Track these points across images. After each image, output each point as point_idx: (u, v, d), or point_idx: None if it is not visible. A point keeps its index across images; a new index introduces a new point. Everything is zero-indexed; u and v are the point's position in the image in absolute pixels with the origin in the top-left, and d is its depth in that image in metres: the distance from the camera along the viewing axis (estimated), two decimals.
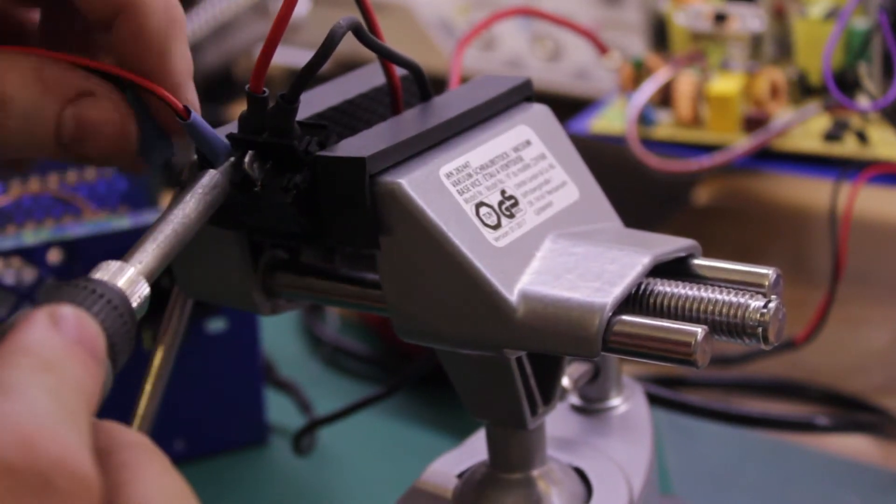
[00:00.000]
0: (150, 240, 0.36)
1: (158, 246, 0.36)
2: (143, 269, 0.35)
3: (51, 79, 0.38)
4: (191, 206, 0.37)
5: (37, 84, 0.38)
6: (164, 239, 0.36)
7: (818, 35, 0.69)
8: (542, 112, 0.43)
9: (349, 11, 0.39)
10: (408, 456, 0.60)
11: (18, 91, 0.37)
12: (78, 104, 0.38)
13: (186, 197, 0.38)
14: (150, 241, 0.36)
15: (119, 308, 0.33)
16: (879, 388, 0.63)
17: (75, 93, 0.38)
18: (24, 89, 0.37)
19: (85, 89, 0.38)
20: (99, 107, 0.38)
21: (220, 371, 0.60)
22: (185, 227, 0.37)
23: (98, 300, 0.32)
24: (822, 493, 0.56)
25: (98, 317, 0.32)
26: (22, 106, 0.37)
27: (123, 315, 0.33)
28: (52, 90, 0.38)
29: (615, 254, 0.39)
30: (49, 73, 0.38)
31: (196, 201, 0.38)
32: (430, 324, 0.39)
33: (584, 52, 0.84)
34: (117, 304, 0.33)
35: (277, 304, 0.44)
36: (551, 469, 0.44)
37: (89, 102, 0.38)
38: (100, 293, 0.32)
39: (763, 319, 0.37)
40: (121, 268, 0.34)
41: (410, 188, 0.38)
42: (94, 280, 0.33)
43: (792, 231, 0.81)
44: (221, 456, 0.61)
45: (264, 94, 0.39)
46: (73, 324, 0.30)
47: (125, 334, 0.33)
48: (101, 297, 0.32)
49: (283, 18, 0.38)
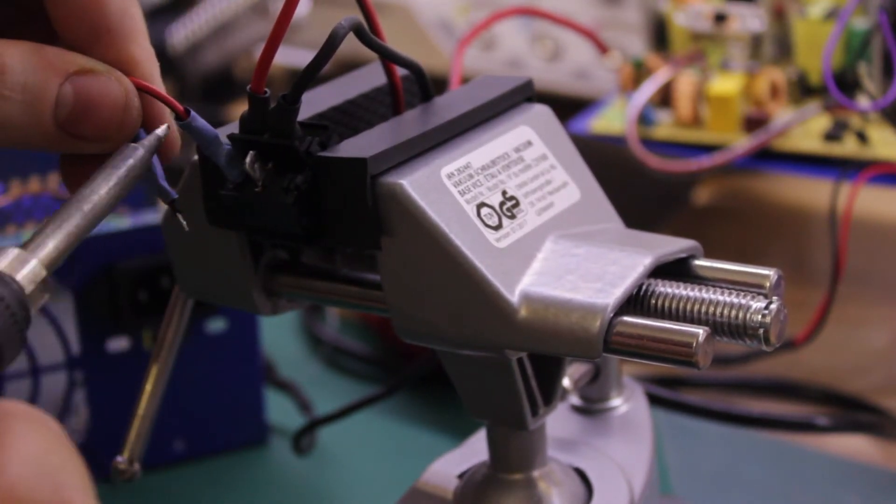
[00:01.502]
0: (52, 224, 0.35)
1: (62, 229, 0.34)
2: (41, 257, 0.34)
3: (51, 54, 0.37)
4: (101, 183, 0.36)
5: (36, 57, 0.37)
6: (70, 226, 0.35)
7: (818, 35, 0.69)
8: (544, 112, 0.43)
9: (350, 11, 0.39)
10: (408, 456, 0.60)
11: (17, 62, 0.36)
12: (78, 79, 0.37)
13: (98, 176, 0.36)
14: (53, 224, 0.35)
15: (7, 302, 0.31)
16: (879, 388, 0.63)
17: (76, 69, 0.37)
18: (24, 61, 0.36)
19: (86, 67, 0.37)
20: (100, 82, 0.38)
21: (220, 371, 0.60)
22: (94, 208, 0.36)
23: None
24: (822, 493, 0.56)
25: None
26: (21, 76, 0.36)
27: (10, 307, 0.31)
28: (53, 64, 0.37)
29: (616, 255, 0.39)
30: (50, 50, 0.37)
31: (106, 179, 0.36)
32: (430, 324, 0.39)
33: (584, 52, 0.84)
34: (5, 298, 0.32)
35: (278, 305, 0.44)
36: (552, 469, 0.44)
37: (90, 78, 0.37)
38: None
39: (764, 321, 0.37)
40: (13, 255, 0.33)
41: (412, 189, 0.38)
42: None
43: (792, 231, 0.81)
44: (221, 456, 0.61)
45: (265, 95, 0.39)
46: None
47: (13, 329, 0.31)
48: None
49: (285, 19, 0.38)
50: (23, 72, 0.36)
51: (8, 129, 0.37)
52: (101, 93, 0.38)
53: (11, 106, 0.36)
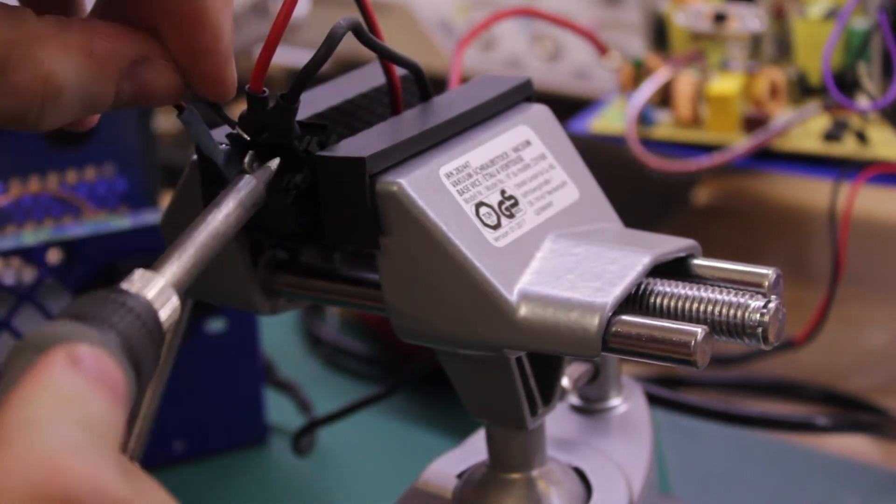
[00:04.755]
0: (182, 249, 0.35)
1: (190, 256, 0.35)
2: (173, 280, 0.34)
3: (102, 53, 0.36)
4: (224, 212, 0.36)
5: (88, 63, 0.35)
6: (197, 247, 0.35)
7: (818, 35, 0.69)
8: (542, 112, 0.43)
9: (349, 11, 0.39)
10: (407, 456, 0.60)
11: (71, 76, 0.35)
12: (133, 74, 0.36)
13: (221, 203, 0.37)
14: (182, 250, 0.35)
15: (147, 323, 0.32)
16: (879, 388, 0.63)
17: (129, 62, 0.36)
18: (77, 74, 0.35)
19: (138, 55, 0.36)
20: (155, 71, 0.37)
21: (220, 371, 0.60)
22: (219, 234, 0.36)
23: (127, 315, 0.32)
24: (822, 493, 0.56)
25: (124, 332, 0.31)
26: (77, 94, 0.35)
27: (151, 329, 0.32)
28: (106, 66, 0.36)
29: (615, 254, 0.39)
30: (99, 45, 0.36)
31: (231, 207, 0.37)
32: (429, 324, 0.39)
33: (583, 52, 0.84)
34: (146, 320, 0.32)
35: (277, 304, 0.44)
36: (551, 469, 0.44)
37: (145, 69, 0.36)
38: (129, 307, 0.32)
39: (763, 319, 0.37)
40: (151, 279, 0.33)
41: (411, 188, 0.38)
42: (125, 292, 0.33)
43: (791, 231, 0.81)
44: (221, 456, 0.61)
45: (264, 94, 0.39)
46: (92, 364, 0.29)
47: (151, 349, 0.32)
48: (129, 312, 0.32)
49: (284, 18, 0.38)
50: (79, 86, 0.35)
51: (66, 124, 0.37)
52: (158, 84, 0.37)
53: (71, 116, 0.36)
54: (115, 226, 0.57)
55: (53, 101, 0.35)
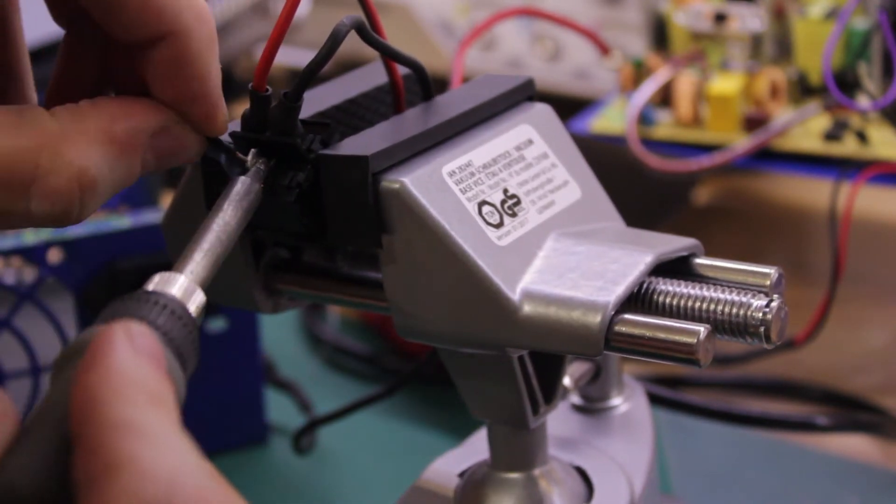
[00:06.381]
0: (198, 249, 0.36)
1: (206, 254, 0.36)
2: (195, 278, 0.35)
3: (123, 135, 0.36)
4: (229, 213, 0.37)
5: (113, 149, 0.36)
6: (211, 247, 0.36)
7: (818, 35, 0.69)
8: (544, 111, 0.43)
9: (350, 11, 0.39)
10: (408, 455, 0.60)
11: (101, 166, 0.35)
12: (155, 146, 0.37)
13: (224, 205, 0.37)
14: (198, 250, 0.36)
15: (182, 317, 0.33)
16: (879, 388, 0.63)
17: (149, 137, 0.37)
18: (106, 162, 0.35)
19: (156, 128, 0.37)
20: (175, 139, 0.37)
21: (220, 371, 0.60)
22: (227, 234, 0.37)
23: (162, 311, 0.32)
24: (822, 493, 0.56)
25: (163, 327, 0.32)
26: (109, 180, 0.36)
27: (186, 323, 0.33)
28: (129, 147, 0.36)
29: (617, 253, 0.39)
30: (118, 128, 0.36)
31: (234, 208, 0.37)
32: (432, 322, 0.39)
33: (584, 52, 0.84)
34: (180, 314, 0.33)
35: (279, 303, 0.44)
36: (552, 468, 0.44)
37: (164, 139, 0.37)
38: (162, 304, 0.32)
39: (765, 318, 0.37)
40: (174, 278, 0.34)
41: (413, 187, 0.38)
42: (154, 292, 0.33)
43: (792, 231, 0.81)
44: (221, 455, 0.61)
45: (267, 93, 0.39)
46: (147, 342, 0.30)
47: (191, 342, 0.32)
48: (164, 308, 0.32)
49: (287, 17, 0.38)
50: (110, 172, 0.36)
51: None
52: (177, 148, 0.37)
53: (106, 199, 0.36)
54: (115, 225, 0.57)
55: (91, 195, 0.35)
